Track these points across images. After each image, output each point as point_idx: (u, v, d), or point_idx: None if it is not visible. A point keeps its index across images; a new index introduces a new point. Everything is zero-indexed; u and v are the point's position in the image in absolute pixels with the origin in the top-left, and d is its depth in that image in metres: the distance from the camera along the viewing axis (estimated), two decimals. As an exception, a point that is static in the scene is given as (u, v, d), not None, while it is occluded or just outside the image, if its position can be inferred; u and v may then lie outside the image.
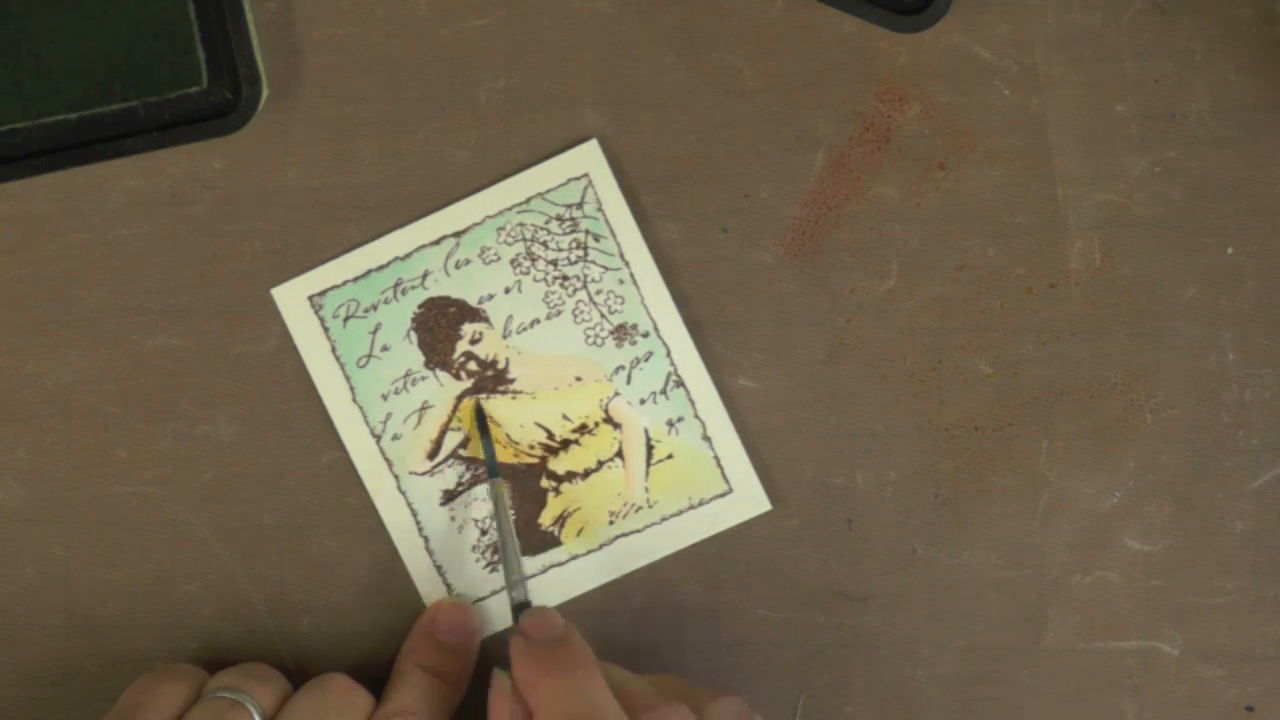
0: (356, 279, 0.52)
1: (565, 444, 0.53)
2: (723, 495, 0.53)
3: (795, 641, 0.53)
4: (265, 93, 0.51)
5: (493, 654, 0.53)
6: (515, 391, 0.53)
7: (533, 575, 0.53)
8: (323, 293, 0.52)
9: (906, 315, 0.53)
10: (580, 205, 0.52)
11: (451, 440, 0.53)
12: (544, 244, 0.52)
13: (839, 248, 0.53)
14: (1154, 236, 0.52)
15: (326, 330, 0.52)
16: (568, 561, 0.53)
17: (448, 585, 0.53)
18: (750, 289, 0.53)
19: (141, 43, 0.50)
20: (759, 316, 0.53)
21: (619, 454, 0.53)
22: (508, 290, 0.53)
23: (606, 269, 0.52)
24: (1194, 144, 0.52)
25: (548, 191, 0.52)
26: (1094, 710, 0.53)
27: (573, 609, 0.53)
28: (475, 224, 0.52)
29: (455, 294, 0.53)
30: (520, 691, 0.47)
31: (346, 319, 0.52)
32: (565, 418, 0.53)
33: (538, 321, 0.53)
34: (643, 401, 0.53)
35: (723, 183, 0.52)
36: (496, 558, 0.53)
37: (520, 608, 0.50)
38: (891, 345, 0.53)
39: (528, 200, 0.52)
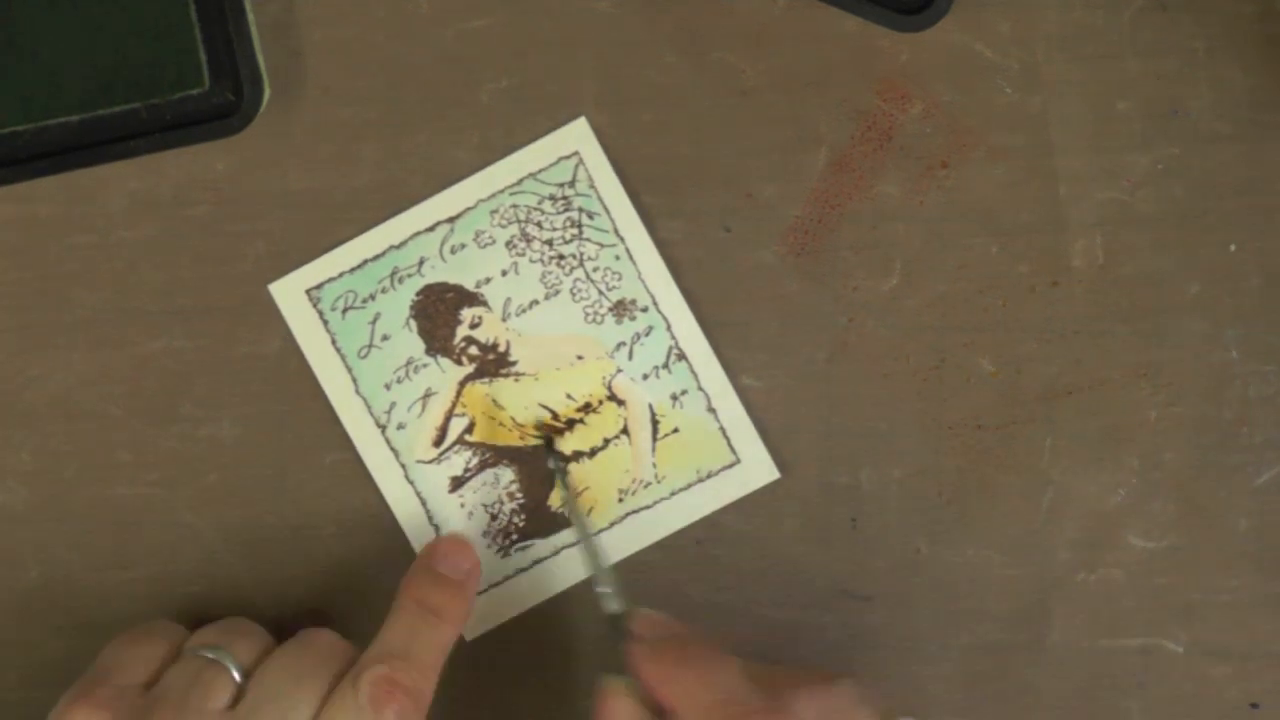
0: (353, 270, 0.52)
1: (570, 424, 0.53)
2: (731, 466, 0.53)
3: (799, 641, 0.53)
4: (267, 94, 0.51)
5: (500, 642, 0.53)
6: (517, 373, 0.53)
7: (545, 558, 0.53)
8: (320, 286, 0.52)
9: (909, 314, 0.53)
10: (572, 183, 0.52)
11: (456, 426, 0.53)
12: (538, 224, 0.52)
13: (841, 247, 0.53)
14: (1157, 234, 0.52)
15: (326, 323, 0.52)
16: (579, 542, 0.53)
17: None
18: (753, 288, 0.53)
19: (143, 45, 0.50)
20: (761, 316, 0.53)
21: (624, 431, 0.53)
22: (504, 273, 0.53)
23: (602, 246, 0.52)
24: (1196, 141, 0.52)
25: (539, 172, 0.52)
26: (1099, 708, 0.53)
27: (577, 606, 0.53)
28: (469, 208, 0.52)
29: (452, 279, 0.53)
30: (654, 692, 0.46)
31: (345, 310, 0.52)
32: (569, 397, 0.53)
33: (536, 302, 0.53)
34: (645, 377, 0.53)
35: (725, 182, 0.52)
36: (508, 542, 0.53)
37: (616, 619, 0.49)
38: (894, 344, 0.53)
39: (520, 182, 0.52)
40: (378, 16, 0.52)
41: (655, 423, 0.53)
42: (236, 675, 0.48)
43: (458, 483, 0.53)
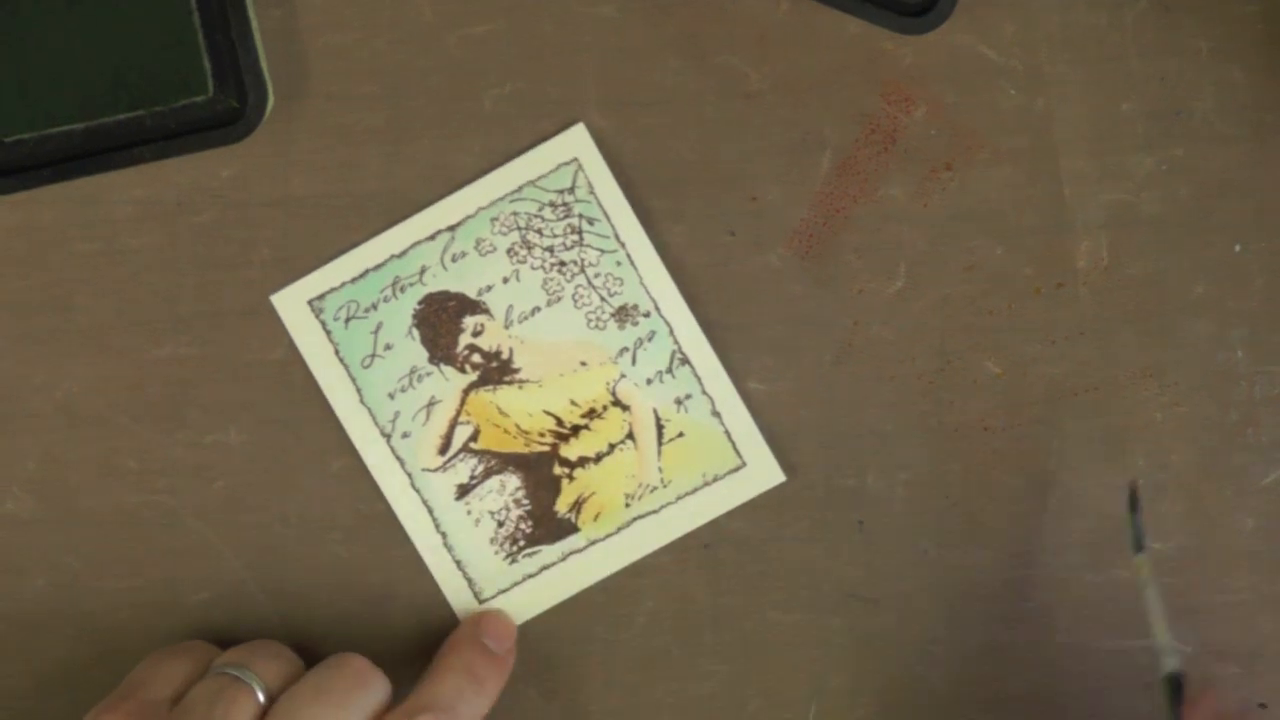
0: (354, 280, 0.52)
1: (575, 429, 0.53)
2: (737, 470, 0.53)
3: (807, 644, 0.53)
4: (271, 100, 0.51)
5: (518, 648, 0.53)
6: (521, 380, 0.53)
7: (552, 564, 0.53)
8: (322, 296, 0.52)
9: (915, 316, 0.53)
10: (572, 190, 0.52)
11: (461, 434, 0.53)
12: (539, 231, 0.52)
13: (846, 249, 0.53)
14: (1161, 235, 0.52)
15: (329, 333, 0.52)
16: (587, 547, 0.53)
17: (468, 580, 0.53)
18: (758, 292, 0.53)
19: (147, 52, 0.50)
20: (767, 319, 0.53)
21: (630, 436, 0.53)
22: (506, 280, 0.53)
23: (603, 252, 0.52)
24: (1201, 142, 0.52)
25: (538, 179, 0.52)
26: (1107, 708, 0.53)
27: (584, 611, 0.53)
28: (469, 216, 0.52)
29: (454, 287, 0.53)
30: None
31: (348, 320, 0.52)
32: (573, 403, 0.53)
33: (538, 309, 0.53)
34: (649, 381, 0.53)
35: (729, 186, 0.52)
36: (515, 549, 0.53)
37: (1172, 679, 0.48)
38: (900, 346, 0.53)
39: (519, 189, 0.52)
40: (381, 23, 0.52)
41: (660, 427, 0.53)
42: (260, 695, 0.48)
43: (464, 490, 0.53)
